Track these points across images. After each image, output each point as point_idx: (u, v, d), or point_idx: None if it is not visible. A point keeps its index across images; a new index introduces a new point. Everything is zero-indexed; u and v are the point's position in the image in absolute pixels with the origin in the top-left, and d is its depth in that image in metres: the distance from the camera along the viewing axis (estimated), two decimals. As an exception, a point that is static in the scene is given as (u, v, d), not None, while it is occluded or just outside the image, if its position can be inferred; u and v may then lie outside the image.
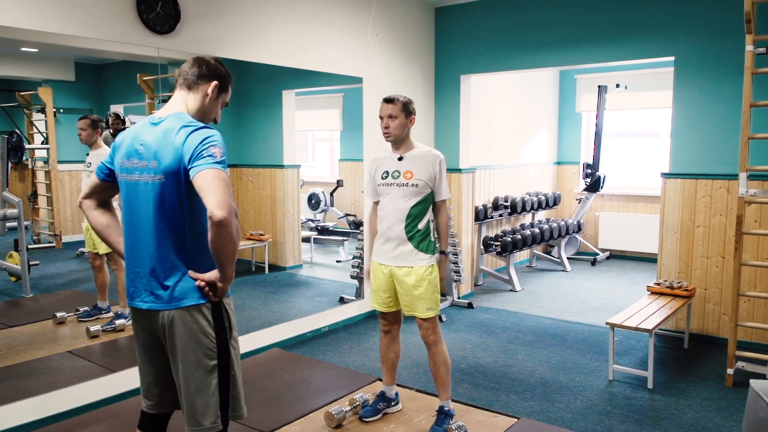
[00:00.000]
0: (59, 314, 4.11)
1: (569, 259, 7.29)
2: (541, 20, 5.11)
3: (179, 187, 1.84)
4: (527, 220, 7.21)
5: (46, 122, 4.24)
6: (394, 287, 2.99)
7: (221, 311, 1.95)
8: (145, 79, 4.04)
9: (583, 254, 7.56)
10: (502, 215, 6.46)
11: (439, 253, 2.98)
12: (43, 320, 4.13)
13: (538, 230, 6.52)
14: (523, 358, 4.20)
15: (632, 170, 7.64)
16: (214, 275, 1.88)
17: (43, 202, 4.43)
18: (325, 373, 3.86)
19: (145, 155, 1.88)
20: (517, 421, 3.19)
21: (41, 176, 4.40)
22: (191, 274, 1.89)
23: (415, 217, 2.90)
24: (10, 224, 4.33)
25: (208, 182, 1.74)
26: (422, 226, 2.92)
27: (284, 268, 6.07)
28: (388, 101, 2.92)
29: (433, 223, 2.98)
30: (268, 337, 4.35)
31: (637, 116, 7.62)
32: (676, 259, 4.60)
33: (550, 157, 7.88)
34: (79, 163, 4.16)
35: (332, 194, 7.25)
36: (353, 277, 5.24)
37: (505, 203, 6.46)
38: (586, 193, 7.22)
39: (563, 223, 6.97)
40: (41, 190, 4.41)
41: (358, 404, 3.24)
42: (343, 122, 7.51)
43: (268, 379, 3.73)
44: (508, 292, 6.04)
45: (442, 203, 2.98)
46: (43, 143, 4.33)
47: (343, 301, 5.21)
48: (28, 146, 4.32)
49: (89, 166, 4.02)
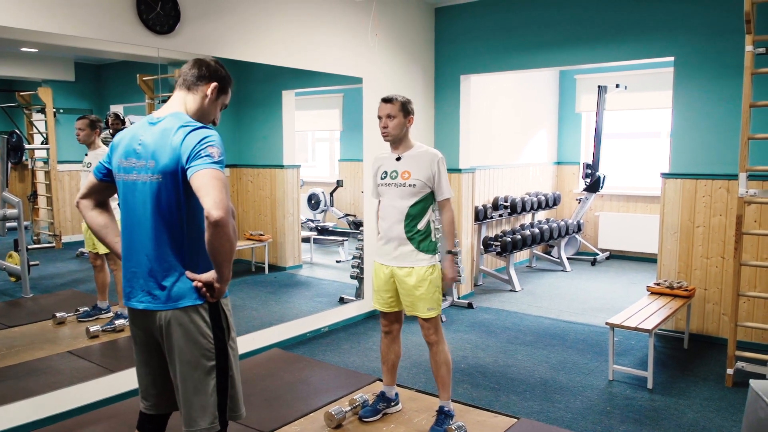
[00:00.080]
0: (59, 314, 4.11)
1: (569, 259, 7.29)
2: (541, 20, 5.11)
3: (177, 186, 1.84)
4: (527, 220, 7.21)
5: (45, 122, 4.24)
6: (395, 287, 2.99)
7: (219, 312, 1.94)
8: (144, 79, 4.04)
9: (582, 254, 7.56)
10: (501, 215, 6.46)
11: (446, 252, 2.97)
12: (42, 320, 4.13)
13: (537, 230, 6.52)
14: (522, 358, 4.20)
15: (632, 170, 7.64)
16: (211, 276, 1.87)
17: (42, 202, 4.43)
18: (324, 373, 3.86)
19: (143, 155, 1.88)
20: (516, 421, 3.19)
21: (41, 176, 4.39)
22: (188, 274, 1.89)
23: (414, 217, 2.90)
24: (9, 224, 4.32)
25: (205, 182, 1.74)
26: (422, 226, 2.92)
27: (284, 268, 6.07)
28: (386, 101, 2.92)
29: (434, 223, 2.98)
30: (267, 337, 4.35)
31: (636, 116, 7.62)
32: (675, 259, 4.60)
33: (549, 157, 7.89)
34: (79, 163, 4.16)
35: (332, 194, 7.25)
36: (353, 277, 5.24)
37: (504, 203, 6.46)
38: (585, 193, 7.22)
39: (563, 223, 6.97)
40: (41, 190, 4.41)
41: (357, 404, 3.24)
42: (342, 122, 7.51)
43: (268, 379, 3.73)
44: (507, 292, 6.04)
45: (445, 202, 2.94)
46: (42, 143, 4.33)
47: (342, 301, 5.21)
48: (27, 146, 4.32)
49: (88, 166, 4.02)
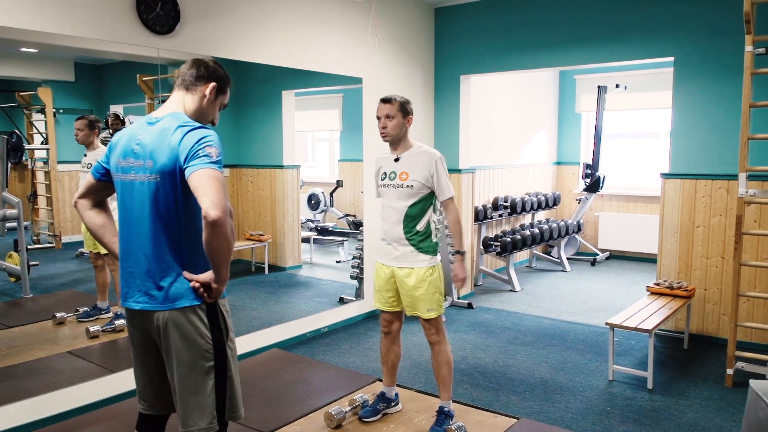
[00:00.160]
0: (59, 315, 4.11)
1: (569, 259, 7.29)
2: (540, 20, 5.11)
3: (175, 186, 1.84)
4: (527, 220, 7.21)
5: (45, 122, 4.24)
6: (396, 287, 3.00)
7: (216, 312, 1.94)
8: (144, 79, 4.03)
9: (582, 254, 7.56)
10: (501, 215, 6.46)
11: (454, 253, 2.96)
12: (42, 321, 4.13)
13: (537, 230, 6.52)
14: (522, 358, 4.20)
15: (632, 170, 7.64)
16: (208, 276, 1.87)
17: (42, 202, 4.42)
18: (324, 373, 3.86)
19: (141, 154, 1.88)
20: (516, 421, 3.18)
21: (41, 176, 4.39)
22: (186, 275, 1.88)
23: (413, 218, 2.90)
24: (9, 225, 4.33)
25: (203, 182, 1.73)
26: (421, 227, 2.91)
27: (284, 268, 6.06)
28: (385, 101, 2.91)
29: (435, 223, 2.98)
30: (267, 337, 4.34)
31: (636, 116, 7.62)
32: (675, 259, 4.60)
33: (549, 157, 7.89)
34: (79, 163, 4.16)
35: (332, 194, 7.25)
36: (353, 277, 5.24)
37: (504, 203, 6.46)
38: (585, 193, 7.22)
39: (563, 223, 6.97)
40: (41, 190, 4.41)
41: (357, 404, 3.24)
42: (342, 122, 7.51)
43: (267, 379, 3.73)
44: (507, 292, 6.04)
45: (448, 202, 2.91)
46: (42, 144, 4.33)
47: (342, 301, 5.21)
48: (27, 146, 4.32)
49: (88, 167, 4.01)
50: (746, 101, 3.53)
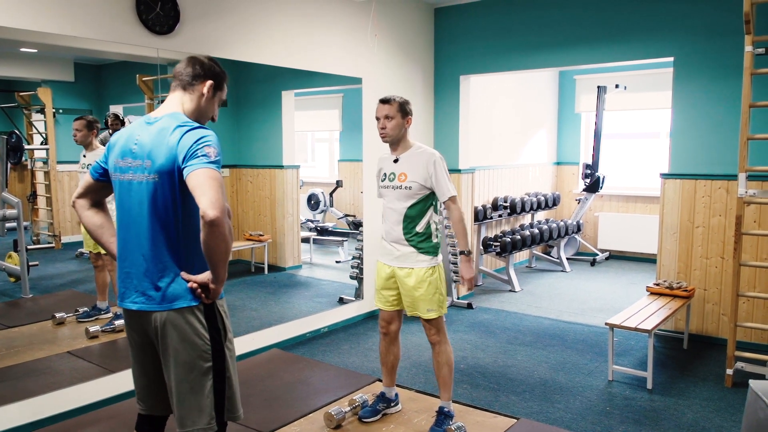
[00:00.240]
0: (58, 315, 4.11)
1: (568, 259, 7.29)
2: (540, 21, 5.11)
3: (173, 186, 1.83)
4: (527, 220, 7.21)
5: (45, 123, 4.24)
6: (397, 286, 3.00)
7: (214, 313, 1.93)
8: (144, 79, 4.03)
9: (582, 255, 7.56)
10: (501, 216, 6.46)
11: (458, 253, 2.95)
12: (42, 321, 4.12)
13: (537, 231, 6.52)
14: (522, 358, 4.19)
15: (631, 171, 7.64)
16: (206, 277, 1.86)
17: (42, 202, 4.42)
18: (324, 373, 3.86)
19: (139, 154, 1.87)
20: (516, 421, 3.18)
21: (40, 177, 4.39)
22: (183, 275, 1.88)
23: (412, 219, 2.89)
24: (9, 225, 4.32)
25: (201, 182, 1.73)
26: (421, 228, 2.90)
27: (284, 268, 6.06)
28: (384, 102, 2.90)
29: (436, 224, 2.97)
30: (267, 337, 4.34)
31: (636, 117, 7.62)
32: (675, 259, 4.60)
33: (549, 157, 7.89)
34: (78, 163, 4.16)
35: (332, 195, 7.25)
36: (353, 277, 5.24)
37: (504, 204, 6.46)
38: (585, 193, 7.22)
39: (562, 223, 6.97)
40: (40, 190, 4.40)
41: (357, 405, 3.23)
42: (342, 123, 7.50)
43: (267, 379, 3.73)
44: (507, 292, 6.04)
45: (449, 202, 2.87)
46: (42, 144, 4.33)
47: (342, 301, 5.21)
48: (27, 147, 4.32)
49: (87, 167, 4.01)
50: (746, 101, 3.53)
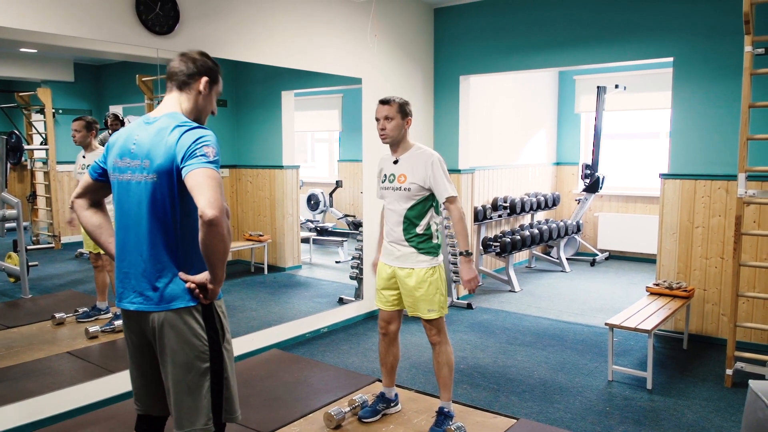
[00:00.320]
0: (58, 315, 4.11)
1: (568, 259, 7.30)
2: (540, 21, 5.11)
3: (172, 186, 1.83)
4: (526, 220, 7.21)
5: (45, 123, 4.24)
6: (397, 286, 3.00)
7: (212, 314, 1.93)
8: (144, 79, 4.03)
9: (582, 255, 7.56)
10: (501, 216, 6.46)
11: (458, 254, 2.93)
12: (41, 321, 4.12)
13: (537, 231, 6.52)
14: (522, 358, 4.19)
15: (631, 171, 7.64)
16: (204, 277, 1.86)
17: (41, 202, 4.42)
18: (324, 374, 3.86)
19: (137, 154, 1.87)
20: (516, 422, 3.18)
21: (40, 177, 4.39)
22: (181, 275, 1.87)
23: (412, 220, 2.89)
24: (9, 225, 4.32)
25: (199, 181, 1.72)
26: (421, 229, 2.90)
27: (283, 268, 6.06)
28: (384, 102, 2.89)
29: (436, 225, 2.97)
30: (267, 337, 4.34)
31: (636, 117, 7.62)
32: (675, 259, 4.60)
33: (549, 157, 7.89)
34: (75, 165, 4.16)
35: (331, 195, 7.25)
36: (352, 277, 5.24)
37: (504, 204, 6.46)
38: (585, 193, 7.22)
39: (562, 223, 6.97)
40: (40, 190, 4.40)
41: (357, 405, 3.23)
42: (342, 123, 7.51)
43: (267, 380, 3.73)
44: (507, 292, 6.04)
45: (449, 202, 2.85)
46: (42, 144, 4.33)
47: (342, 301, 5.21)
48: (27, 147, 4.32)
49: (88, 168, 4.00)
50: (745, 101, 3.53)
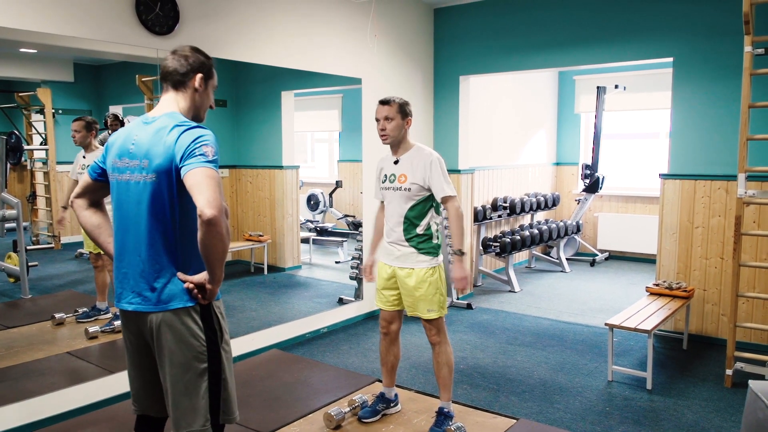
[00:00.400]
0: (58, 315, 4.11)
1: (568, 259, 7.30)
2: (540, 21, 5.11)
3: (170, 186, 1.82)
4: (526, 221, 7.21)
5: (44, 123, 4.24)
6: (398, 286, 3.00)
7: (211, 314, 1.92)
8: (144, 80, 4.03)
9: (582, 255, 7.56)
10: (501, 216, 6.46)
11: (452, 253, 2.93)
12: (41, 321, 4.12)
13: (537, 231, 6.52)
14: (522, 359, 4.19)
15: (631, 171, 7.64)
16: (203, 277, 1.85)
17: (41, 203, 4.42)
18: (324, 374, 3.86)
19: (136, 154, 1.86)
20: (516, 422, 3.18)
21: (40, 177, 4.39)
22: (180, 275, 1.87)
23: (412, 220, 2.89)
24: (8, 225, 4.32)
25: (198, 180, 1.72)
26: (421, 229, 2.90)
27: (283, 269, 6.06)
28: (383, 103, 2.89)
29: (437, 225, 2.97)
30: (267, 338, 4.34)
31: (635, 117, 7.62)
32: (674, 259, 4.60)
33: (549, 157, 7.89)
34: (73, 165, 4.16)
35: (331, 195, 7.25)
36: (352, 278, 5.24)
37: (504, 204, 6.46)
38: (585, 193, 7.22)
39: (562, 224, 6.97)
40: (40, 191, 4.40)
41: (357, 405, 3.23)
42: (342, 123, 7.51)
43: (267, 380, 3.73)
44: (507, 293, 6.04)
45: (446, 202, 2.86)
46: (41, 144, 4.33)
47: (342, 302, 5.20)
48: (26, 147, 4.32)
49: (87, 169, 4.00)
50: (745, 102, 3.53)
